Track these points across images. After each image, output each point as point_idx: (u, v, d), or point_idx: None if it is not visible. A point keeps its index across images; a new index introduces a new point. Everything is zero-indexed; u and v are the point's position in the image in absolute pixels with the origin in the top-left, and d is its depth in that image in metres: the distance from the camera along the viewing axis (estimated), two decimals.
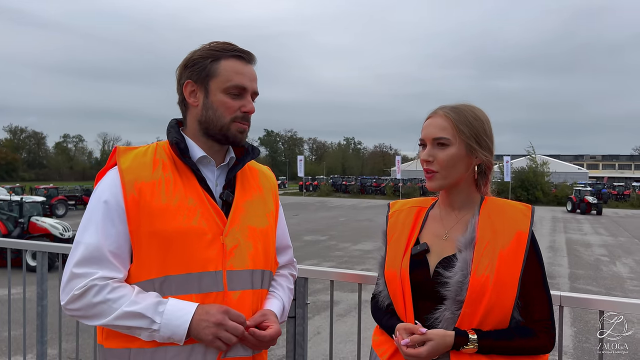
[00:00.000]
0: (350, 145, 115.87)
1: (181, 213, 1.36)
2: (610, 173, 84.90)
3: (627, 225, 23.66)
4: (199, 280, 1.36)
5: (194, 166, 1.43)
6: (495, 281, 1.33)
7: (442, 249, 1.45)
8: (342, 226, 21.01)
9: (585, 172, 66.15)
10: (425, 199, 1.62)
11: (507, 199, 1.56)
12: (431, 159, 1.44)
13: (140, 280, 1.36)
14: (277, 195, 1.66)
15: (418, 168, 1.51)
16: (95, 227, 1.35)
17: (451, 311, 1.36)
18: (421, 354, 1.31)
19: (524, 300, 1.38)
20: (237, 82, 1.42)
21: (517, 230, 1.39)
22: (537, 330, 1.37)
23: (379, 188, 49.95)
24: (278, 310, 1.51)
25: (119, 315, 1.29)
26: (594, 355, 5.94)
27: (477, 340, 1.32)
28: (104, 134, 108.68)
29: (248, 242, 1.45)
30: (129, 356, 1.35)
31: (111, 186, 1.38)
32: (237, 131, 1.45)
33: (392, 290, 1.49)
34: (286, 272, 1.68)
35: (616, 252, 14.75)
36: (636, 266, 12.35)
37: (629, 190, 41.83)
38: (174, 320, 1.29)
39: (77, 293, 1.31)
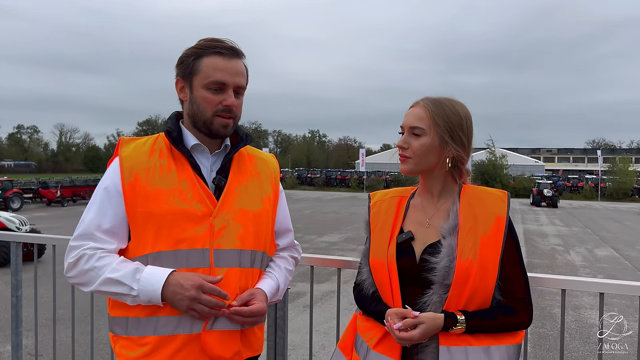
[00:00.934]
0: (315, 138, 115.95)
1: (173, 195, 1.48)
2: (565, 166, 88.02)
3: (581, 216, 24.70)
4: (187, 256, 1.47)
5: (187, 153, 1.54)
6: (479, 265, 1.42)
7: (426, 236, 1.52)
8: (308, 219, 21.12)
9: (542, 165, 68.47)
10: (405, 189, 1.69)
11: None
12: (406, 145, 1.53)
13: (136, 255, 1.49)
14: (276, 181, 1.73)
15: (382, 161, 1.58)
16: (95, 208, 1.51)
17: (439, 295, 1.43)
18: (414, 336, 1.38)
19: (503, 280, 1.46)
20: (216, 78, 1.51)
21: (496, 216, 1.48)
22: (517, 309, 1.46)
23: (344, 180, 50.32)
24: (269, 289, 1.59)
25: (102, 281, 1.43)
26: (549, 339, 6.23)
27: (465, 320, 1.40)
28: (60, 125, 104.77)
29: (237, 224, 1.54)
30: (127, 324, 1.49)
31: (112, 173, 1.53)
32: (220, 125, 1.54)
33: (378, 279, 1.55)
34: (286, 255, 1.76)
35: (570, 241, 15.41)
36: (588, 255, 12.96)
37: (582, 182, 43.62)
38: (149, 287, 1.41)
39: (71, 261, 1.48)
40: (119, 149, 1.57)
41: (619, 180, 41.19)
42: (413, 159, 1.52)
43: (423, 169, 1.54)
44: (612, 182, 41.42)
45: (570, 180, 45.07)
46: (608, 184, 41.28)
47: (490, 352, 1.41)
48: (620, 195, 39.91)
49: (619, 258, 12.32)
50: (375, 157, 69.52)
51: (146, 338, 1.46)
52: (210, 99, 1.52)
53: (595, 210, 29.15)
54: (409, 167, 1.54)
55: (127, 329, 1.49)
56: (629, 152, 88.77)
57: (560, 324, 1.86)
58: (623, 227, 19.84)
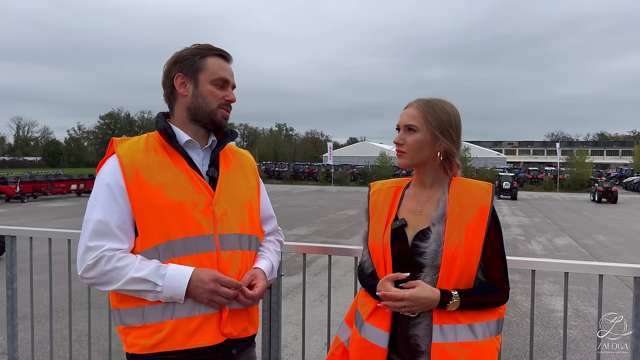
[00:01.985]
0: (282, 132, 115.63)
1: (174, 188, 1.60)
2: (525, 158, 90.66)
3: (541, 207, 25.61)
4: (196, 242, 1.59)
5: (181, 148, 1.66)
6: (464, 249, 1.58)
7: (418, 223, 1.68)
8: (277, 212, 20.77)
9: (503, 158, 70.35)
10: (402, 180, 1.86)
11: None
12: (401, 142, 1.70)
13: (145, 248, 1.58)
14: (257, 172, 1.90)
15: (349, 154, 1.76)
16: (101, 206, 1.58)
17: (430, 276, 1.60)
18: (404, 295, 1.54)
19: (485, 263, 1.63)
20: (222, 75, 1.70)
21: (481, 205, 1.64)
22: (498, 287, 1.64)
23: (312, 174, 50.49)
24: (267, 269, 1.76)
25: (127, 280, 1.52)
26: (512, 325, 6.54)
27: (459, 295, 1.57)
28: (17, 118, 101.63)
29: (234, 210, 1.70)
30: (143, 313, 1.58)
31: (112, 171, 1.60)
32: (222, 117, 1.72)
33: (375, 260, 1.72)
34: (273, 238, 1.93)
35: (531, 231, 15.99)
36: (548, 244, 13.51)
37: (542, 174, 45.09)
38: (174, 283, 1.53)
39: (90, 263, 1.54)
40: (114, 148, 1.65)
41: (576, 172, 42.75)
42: (408, 153, 1.69)
43: (417, 162, 1.71)
44: (570, 174, 42.95)
45: (530, 172, 46.48)
46: (566, 176, 42.80)
47: (473, 328, 1.59)
48: (578, 186, 41.45)
49: (577, 246, 12.92)
50: (342, 151, 69.98)
51: (165, 323, 1.57)
52: (216, 93, 1.69)
53: (554, 201, 30.26)
54: (405, 161, 1.71)
55: (145, 318, 1.58)
56: (586, 144, 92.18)
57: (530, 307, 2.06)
58: (580, 217, 20.71)
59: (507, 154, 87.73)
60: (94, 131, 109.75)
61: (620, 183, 47.38)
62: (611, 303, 7.41)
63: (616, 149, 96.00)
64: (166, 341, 1.56)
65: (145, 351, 1.58)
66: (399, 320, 1.65)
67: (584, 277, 8.81)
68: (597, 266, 2.01)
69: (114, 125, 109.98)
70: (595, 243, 13.41)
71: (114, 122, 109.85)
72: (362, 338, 1.69)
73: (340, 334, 1.84)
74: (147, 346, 1.57)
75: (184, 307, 1.57)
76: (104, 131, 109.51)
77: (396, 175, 47.00)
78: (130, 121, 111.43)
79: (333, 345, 1.85)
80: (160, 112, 1.77)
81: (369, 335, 1.68)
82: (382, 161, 47.38)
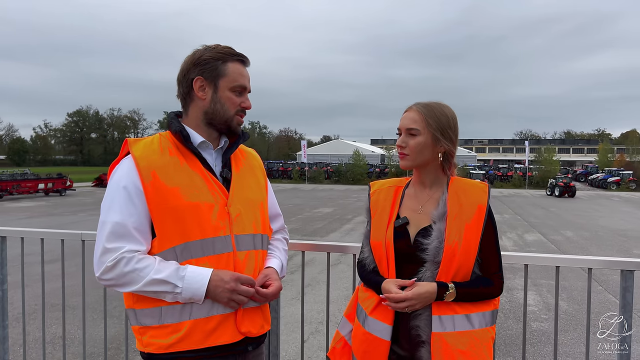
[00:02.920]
0: (256, 130, 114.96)
1: (190, 190, 1.60)
2: (495, 156, 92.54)
3: (510, 203, 26.21)
4: (212, 244, 1.61)
5: (195, 150, 1.67)
6: (463, 246, 1.66)
7: (419, 221, 1.76)
8: None
9: (474, 155, 71.61)
10: (401, 179, 1.93)
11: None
12: (404, 144, 1.76)
13: (163, 249, 1.58)
14: (264, 171, 1.93)
15: (323, 152, 1.82)
16: (118, 208, 1.57)
17: (431, 271, 1.68)
18: (407, 295, 1.62)
19: (481, 258, 1.72)
20: (241, 82, 1.71)
21: (478, 204, 1.72)
22: (493, 281, 1.73)
23: (286, 172, 50.43)
24: (278, 267, 1.80)
25: (147, 282, 1.53)
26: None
27: (455, 287, 1.65)
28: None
29: (247, 211, 1.72)
30: (160, 313, 1.59)
31: (128, 173, 1.60)
32: (238, 123, 1.74)
33: (377, 257, 1.78)
34: (280, 237, 1.97)
35: (502, 227, 16.35)
36: (519, 239, 13.86)
37: (511, 171, 46.11)
38: (194, 284, 1.54)
39: (110, 265, 1.54)
40: (128, 148, 1.65)
41: (544, 169, 43.90)
42: (411, 155, 1.75)
43: (419, 164, 1.77)
44: (538, 171, 44.06)
45: (500, 170, 47.49)
46: (535, 173, 43.92)
47: (470, 318, 1.68)
48: (546, 183, 42.49)
49: (546, 242, 13.30)
50: (316, 149, 70.01)
51: (183, 323, 1.57)
52: (234, 100, 1.70)
53: (523, 197, 31.00)
54: (408, 163, 1.77)
55: (162, 318, 1.58)
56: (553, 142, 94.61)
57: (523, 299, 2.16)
58: (549, 213, 21.30)
59: (478, 152, 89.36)
60: (62, 129, 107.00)
61: (585, 180, 48.90)
62: (580, 296, 7.68)
63: (582, 147, 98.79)
64: (184, 341, 1.57)
65: (162, 351, 1.59)
66: (402, 314, 1.72)
67: (553, 271, 9.10)
68: (586, 260, 2.15)
69: (82, 123, 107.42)
70: (563, 238, 13.82)
71: (82, 120, 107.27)
72: (366, 331, 1.76)
73: (340, 328, 1.91)
74: (163, 346, 1.58)
75: (202, 307, 1.58)
76: (72, 129, 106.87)
77: (370, 173, 47.35)
78: (99, 119, 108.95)
79: (334, 340, 1.91)
80: (172, 112, 1.76)
81: (372, 328, 1.74)
82: (356, 159, 47.65)
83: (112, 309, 6.22)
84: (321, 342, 5.30)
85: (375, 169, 49.29)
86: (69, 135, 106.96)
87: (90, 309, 6.19)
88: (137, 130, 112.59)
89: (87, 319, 5.88)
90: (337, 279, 8.08)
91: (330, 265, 2.41)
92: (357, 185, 43.49)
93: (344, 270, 8.88)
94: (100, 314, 6.10)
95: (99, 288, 2.80)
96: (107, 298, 2.58)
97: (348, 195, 31.00)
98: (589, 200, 29.13)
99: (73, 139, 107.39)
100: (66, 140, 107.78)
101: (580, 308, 7.03)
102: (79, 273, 2.80)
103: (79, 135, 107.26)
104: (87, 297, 6.59)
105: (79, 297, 6.73)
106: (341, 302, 7.23)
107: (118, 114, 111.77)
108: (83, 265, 2.60)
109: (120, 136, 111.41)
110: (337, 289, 7.57)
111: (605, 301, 7.41)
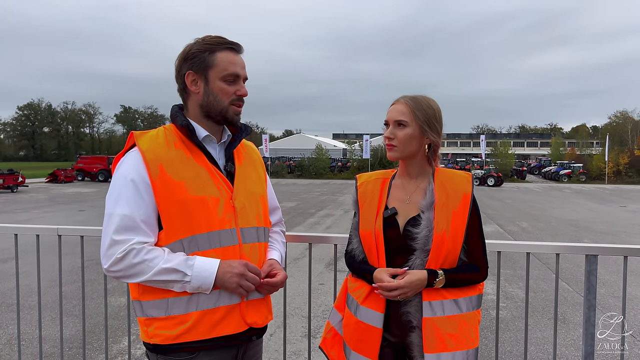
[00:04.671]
0: None
1: (197, 183, 1.62)
2: (453, 150, 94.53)
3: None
4: (219, 237, 1.64)
5: (200, 144, 1.68)
6: (451, 233, 1.73)
7: (407, 211, 1.81)
8: None
9: None
10: (387, 171, 1.97)
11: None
12: (392, 136, 1.81)
13: (170, 242, 1.60)
14: (264, 165, 1.95)
15: (285, 146, 1.86)
16: (126, 200, 1.57)
17: (420, 259, 1.74)
18: (400, 283, 1.68)
19: (467, 244, 1.79)
20: (232, 71, 1.68)
21: (464, 192, 1.79)
22: (478, 266, 1.80)
23: None
24: (279, 259, 1.84)
25: (157, 271, 1.54)
26: None
27: (444, 274, 1.71)
28: None
29: (251, 204, 1.76)
30: (167, 305, 1.61)
31: (135, 166, 1.60)
32: (234, 113, 1.73)
33: (367, 246, 1.83)
34: (278, 229, 2.00)
35: None
36: None
37: (469, 165, 47.30)
38: (203, 272, 1.57)
39: (119, 256, 1.54)
40: (134, 141, 1.65)
41: (500, 162, 45.23)
42: (399, 147, 1.80)
43: (407, 155, 1.83)
44: (494, 165, 45.34)
45: (458, 163, 48.65)
46: (491, 166, 45.18)
47: (458, 302, 1.75)
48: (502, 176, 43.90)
49: (504, 233, 13.72)
50: (279, 143, 69.84)
51: (190, 314, 1.60)
52: (226, 89, 1.68)
53: (480, 190, 31.84)
54: (396, 154, 1.82)
55: (169, 309, 1.60)
56: (508, 136, 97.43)
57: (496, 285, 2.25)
58: (505, 205, 21.97)
59: None
60: (12, 123, 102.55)
61: (539, 172, 50.68)
62: (536, 284, 7.99)
63: (535, 141, 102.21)
64: (191, 332, 1.60)
65: (169, 342, 1.61)
66: (392, 301, 1.78)
67: (510, 261, 9.43)
68: (554, 246, 2.30)
69: (34, 117, 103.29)
70: (519, 229, 14.31)
71: (33, 114, 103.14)
72: (359, 320, 1.81)
73: (330, 319, 1.96)
74: (170, 337, 1.60)
75: (209, 298, 1.61)
76: (23, 123, 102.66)
77: (332, 167, 47.55)
78: (52, 112, 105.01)
79: (325, 330, 1.96)
80: (176, 105, 1.76)
81: (365, 317, 1.79)
82: (319, 153, 47.79)
83: (72, 308, 6.06)
84: (304, 331, 5.33)
85: (337, 163, 49.56)
86: (19, 129, 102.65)
87: (49, 309, 6.01)
88: (93, 124, 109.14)
89: (46, 318, 5.70)
90: (302, 272, 8.12)
91: (298, 259, 2.44)
92: (320, 179, 43.59)
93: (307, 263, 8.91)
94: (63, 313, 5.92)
95: (57, 287, 2.72)
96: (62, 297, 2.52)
97: (311, 189, 31.05)
98: (543, 192, 30.23)
99: (24, 133, 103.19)
100: (17, 135, 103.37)
101: (536, 295, 7.30)
102: (34, 271, 2.71)
103: (31, 129, 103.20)
104: (45, 297, 6.38)
105: (35, 296, 6.50)
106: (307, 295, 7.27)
107: (72, 108, 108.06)
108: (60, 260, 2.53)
109: (74, 130, 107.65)
110: (303, 282, 7.60)
111: (560, 288, 7.72)
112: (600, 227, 14.72)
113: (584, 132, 69.64)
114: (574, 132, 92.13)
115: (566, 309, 6.62)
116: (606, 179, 42.89)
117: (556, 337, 2.36)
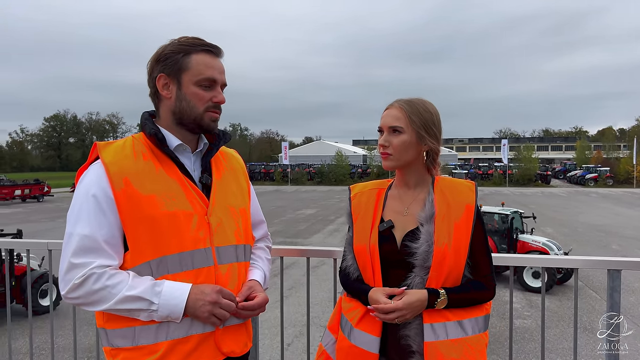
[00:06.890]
0: (237, 132, 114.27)
1: (167, 198, 1.46)
2: (475, 155, 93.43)
3: (491, 201, 26.43)
4: (191, 257, 1.47)
5: (172, 154, 1.51)
6: (453, 248, 1.57)
7: (405, 224, 1.65)
8: None
9: (455, 155, 72.36)
10: (382, 181, 1.82)
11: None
12: (387, 144, 1.65)
13: (137, 264, 1.43)
14: (247, 175, 1.79)
15: (305, 153, 1.72)
16: (87, 218, 1.41)
17: (420, 277, 1.57)
18: (397, 305, 1.52)
19: (472, 260, 1.62)
20: (208, 75, 1.52)
21: (466, 204, 1.63)
22: (485, 284, 1.63)
23: (268, 174, 50.22)
24: (261, 279, 1.67)
25: (119, 299, 1.38)
26: None
27: (446, 293, 1.55)
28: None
29: (229, 220, 1.58)
30: (134, 334, 1.44)
31: (98, 180, 1.44)
32: (210, 120, 1.56)
33: (361, 263, 1.67)
34: (263, 245, 1.82)
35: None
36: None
37: (492, 169, 46.66)
38: (172, 300, 1.41)
39: (77, 282, 1.38)
40: (98, 153, 1.49)
41: (523, 167, 44.49)
42: (394, 155, 1.64)
43: (404, 164, 1.67)
44: (517, 169, 44.63)
45: (481, 168, 48.02)
46: (515, 171, 44.46)
47: (463, 324, 1.58)
48: (526, 181, 43.13)
49: None
50: (299, 150, 69.93)
51: (159, 344, 1.44)
52: (201, 95, 1.52)
53: (504, 195, 31.31)
54: (392, 163, 1.66)
55: (135, 339, 1.44)
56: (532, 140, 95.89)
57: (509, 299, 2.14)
58: (528, 210, 21.55)
59: (458, 151, 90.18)
60: (39, 134, 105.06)
61: (564, 177, 49.71)
62: (563, 293, 7.75)
63: (560, 145, 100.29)
64: None
65: None
66: (390, 323, 1.61)
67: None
68: (572, 260, 2.14)
69: (60, 128, 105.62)
70: (543, 235, 13.96)
71: (59, 125, 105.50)
72: (352, 344, 1.64)
73: (323, 341, 1.80)
74: None
75: (179, 326, 1.45)
76: (50, 134, 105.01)
77: (352, 174, 47.43)
78: (77, 123, 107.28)
79: (317, 353, 1.80)
80: (146, 112, 1.60)
81: (359, 341, 1.63)
82: (339, 160, 47.70)
83: (91, 317, 6.07)
84: (305, 345, 5.23)
85: (357, 170, 49.38)
86: (46, 140, 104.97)
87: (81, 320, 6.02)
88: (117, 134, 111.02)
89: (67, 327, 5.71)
90: (321, 280, 8.03)
91: (310, 268, 2.33)
92: (339, 186, 43.47)
93: (327, 271, 8.82)
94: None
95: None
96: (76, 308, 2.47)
97: (331, 196, 30.97)
98: (568, 197, 29.58)
99: (50, 144, 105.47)
100: (43, 146, 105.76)
101: (562, 304, 7.08)
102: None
103: (57, 140, 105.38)
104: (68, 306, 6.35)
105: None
106: (325, 304, 7.17)
107: (96, 118, 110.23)
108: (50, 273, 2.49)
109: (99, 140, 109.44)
110: (322, 290, 7.52)
111: (587, 296, 7.47)
112: (630, 233, 14.28)
113: (611, 135, 67.92)
114: (599, 135, 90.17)
115: (594, 318, 6.39)
116: (634, 183, 41.80)
117: (576, 349, 2.21)
